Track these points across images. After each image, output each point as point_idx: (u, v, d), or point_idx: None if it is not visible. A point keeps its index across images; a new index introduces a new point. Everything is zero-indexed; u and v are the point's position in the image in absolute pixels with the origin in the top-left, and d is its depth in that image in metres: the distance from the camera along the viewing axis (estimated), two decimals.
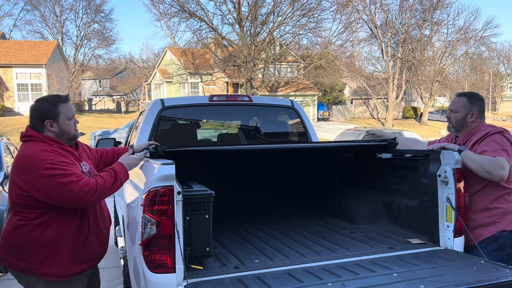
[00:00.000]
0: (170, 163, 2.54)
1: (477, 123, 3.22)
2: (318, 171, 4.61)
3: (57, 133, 2.51)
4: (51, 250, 2.39)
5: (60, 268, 2.41)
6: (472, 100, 3.23)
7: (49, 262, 2.38)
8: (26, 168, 2.32)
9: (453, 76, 52.56)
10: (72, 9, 46.50)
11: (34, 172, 2.28)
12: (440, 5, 40.74)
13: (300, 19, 33.27)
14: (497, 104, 61.53)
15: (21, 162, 2.37)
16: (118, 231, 4.34)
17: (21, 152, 2.43)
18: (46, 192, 2.29)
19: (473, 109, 3.21)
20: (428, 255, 2.93)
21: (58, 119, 2.51)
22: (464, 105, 3.23)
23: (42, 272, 2.39)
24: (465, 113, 3.22)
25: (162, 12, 34.05)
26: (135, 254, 2.69)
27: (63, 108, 2.54)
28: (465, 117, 3.22)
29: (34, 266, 2.40)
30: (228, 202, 4.52)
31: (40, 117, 2.50)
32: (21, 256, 2.40)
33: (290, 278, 2.58)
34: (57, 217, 2.40)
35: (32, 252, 2.39)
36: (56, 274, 2.41)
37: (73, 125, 2.60)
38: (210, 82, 38.36)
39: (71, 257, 2.45)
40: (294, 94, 39.03)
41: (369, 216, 3.82)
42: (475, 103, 3.22)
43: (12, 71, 34.32)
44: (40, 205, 2.35)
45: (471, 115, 3.21)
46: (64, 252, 2.42)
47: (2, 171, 6.21)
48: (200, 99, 4.78)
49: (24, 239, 2.38)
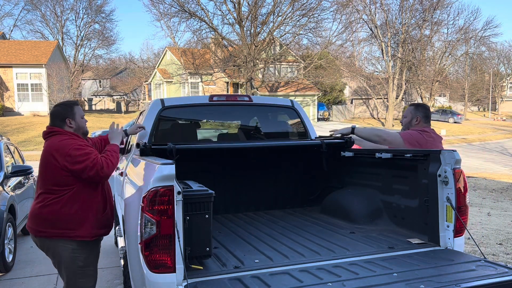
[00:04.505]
0: (170, 163, 2.54)
1: (421, 125, 3.91)
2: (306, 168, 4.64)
3: (75, 128, 3.21)
4: (80, 218, 3.05)
5: (88, 230, 3.09)
6: (417, 108, 3.99)
7: (79, 227, 3.05)
8: (61, 151, 2.98)
9: (453, 76, 52.61)
10: (73, 9, 46.65)
11: (68, 152, 2.97)
12: (440, 5, 40.78)
13: (300, 19, 33.31)
14: (497, 104, 61.54)
15: (56, 149, 3.00)
16: (118, 231, 4.33)
17: (50, 143, 3.06)
18: (79, 163, 2.94)
19: (417, 114, 3.94)
20: (428, 255, 2.93)
21: (75, 117, 3.21)
22: (411, 111, 3.98)
23: (75, 235, 3.05)
24: (411, 118, 3.96)
25: (162, 12, 34.14)
26: (135, 254, 2.69)
27: (77, 109, 3.26)
28: (411, 120, 3.96)
29: (68, 231, 3.03)
30: (228, 202, 4.53)
31: (61, 117, 3.17)
32: (56, 225, 3.02)
33: (290, 278, 2.58)
34: (81, 193, 3.05)
35: (66, 220, 3.03)
36: (86, 235, 3.09)
37: (85, 122, 3.31)
38: (210, 82, 38.38)
39: (95, 223, 3.13)
40: (294, 94, 39.03)
41: (369, 216, 3.82)
42: (419, 110, 3.96)
43: (12, 71, 34.32)
44: (72, 181, 3.00)
45: (416, 119, 3.93)
46: (90, 220, 3.09)
47: (2, 171, 6.21)
48: (200, 99, 4.78)
49: (58, 212, 3.01)
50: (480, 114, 61.19)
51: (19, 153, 8.01)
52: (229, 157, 4.50)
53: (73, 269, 3.09)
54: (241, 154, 4.49)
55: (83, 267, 3.11)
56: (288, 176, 4.73)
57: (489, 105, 59.87)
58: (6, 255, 5.51)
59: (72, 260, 3.07)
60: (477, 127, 44.40)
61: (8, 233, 5.61)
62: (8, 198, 5.74)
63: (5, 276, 5.44)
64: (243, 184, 4.58)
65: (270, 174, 4.67)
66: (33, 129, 28.91)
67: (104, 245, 3.83)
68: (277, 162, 4.69)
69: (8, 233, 5.64)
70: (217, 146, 4.43)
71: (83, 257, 3.10)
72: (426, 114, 3.95)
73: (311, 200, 4.73)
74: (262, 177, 4.65)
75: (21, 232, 7.31)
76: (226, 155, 4.49)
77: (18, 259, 6.07)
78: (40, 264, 5.86)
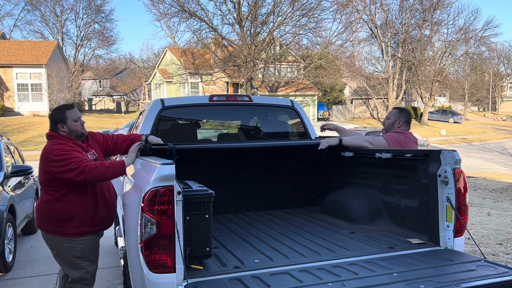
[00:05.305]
0: (170, 163, 2.54)
1: (402, 128, 4.16)
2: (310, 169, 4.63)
3: (68, 132, 3.30)
4: (68, 217, 3.22)
5: (76, 229, 3.25)
6: (401, 112, 4.24)
7: (67, 225, 3.23)
8: (46, 156, 3.16)
9: (453, 76, 52.59)
10: (73, 9, 46.60)
11: (52, 157, 3.12)
12: (440, 5, 40.78)
13: (300, 19, 33.30)
14: (497, 104, 61.53)
15: (45, 153, 3.20)
16: (118, 231, 4.33)
17: (44, 148, 3.27)
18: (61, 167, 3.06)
19: (400, 118, 4.19)
20: (428, 255, 2.93)
21: (66, 122, 3.30)
22: (395, 114, 4.22)
23: (63, 232, 3.24)
24: (394, 120, 4.20)
25: (162, 12, 34.14)
26: (135, 254, 2.69)
27: (69, 114, 3.32)
28: (394, 123, 4.19)
29: (58, 228, 3.24)
30: (228, 202, 4.53)
31: (54, 122, 3.32)
32: (50, 221, 3.26)
33: (290, 278, 2.58)
34: (70, 194, 3.19)
35: (57, 218, 3.23)
36: (73, 233, 3.25)
37: (80, 125, 3.35)
38: (210, 82, 38.38)
39: (83, 221, 3.26)
40: (294, 94, 39.03)
41: (369, 216, 3.82)
42: (403, 115, 4.21)
43: (12, 71, 34.31)
44: (58, 183, 3.15)
45: (399, 122, 4.18)
46: (78, 219, 3.24)
47: (2, 171, 6.21)
48: (200, 99, 4.78)
49: (50, 210, 3.23)
50: (480, 114, 61.19)
51: (19, 153, 8.02)
52: (229, 157, 4.49)
53: (69, 259, 3.29)
54: (241, 154, 4.49)
55: (80, 258, 3.29)
56: (288, 176, 4.73)
57: (489, 105, 59.86)
58: (6, 255, 5.51)
59: (67, 251, 3.28)
60: (477, 127, 44.42)
61: (8, 233, 5.61)
62: (8, 198, 5.74)
63: (5, 276, 5.44)
64: (243, 184, 4.58)
65: (270, 174, 4.67)
66: (33, 129, 28.91)
67: (104, 245, 3.83)
68: (277, 162, 4.69)
69: (8, 233, 5.64)
70: (217, 146, 4.43)
71: (79, 249, 3.29)
72: (408, 119, 4.23)
73: (311, 200, 4.73)
74: (262, 177, 4.65)
75: (21, 232, 7.31)
76: (226, 155, 4.49)
77: (18, 259, 6.07)
78: (40, 264, 5.86)
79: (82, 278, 3.31)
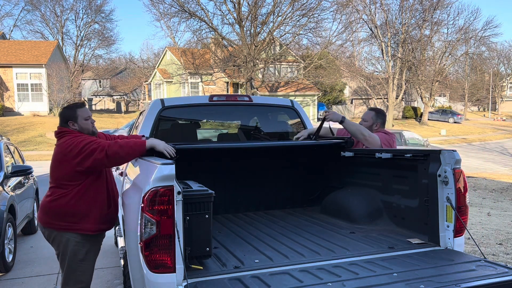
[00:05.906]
0: (170, 163, 2.54)
1: (380, 130, 4.29)
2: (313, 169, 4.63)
3: (78, 130, 3.33)
4: (85, 213, 3.24)
5: (93, 225, 3.28)
6: (377, 115, 4.35)
7: (84, 221, 3.25)
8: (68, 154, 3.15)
9: (453, 76, 52.56)
10: (73, 9, 46.55)
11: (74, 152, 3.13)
12: (440, 5, 40.76)
13: (300, 19, 33.27)
14: (497, 104, 61.54)
15: (63, 150, 3.18)
16: (118, 231, 4.33)
17: (63, 142, 3.23)
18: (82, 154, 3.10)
19: (377, 120, 4.32)
20: (428, 255, 2.93)
21: (77, 120, 3.33)
22: (372, 117, 4.32)
23: (79, 227, 3.24)
24: (372, 122, 4.31)
25: (162, 12, 34.09)
26: (135, 254, 2.69)
27: (80, 112, 3.36)
28: (372, 125, 4.31)
29: (73, 224, 3.23)
30: (228, 202, 4.53)
31: (64, 119, 3.34)
32: (63, 218, 3.23)
33: (290, 278, 2.57)
34: (88, 190, 3.23)
35: (72, 214, 3.22)
36: (90, 229, 3.27)
37: (91, 123, 3.40)
38: (210, 82, 38.37)
39: (99, 218, 3.31)
40: (294, 94, 39.02)
41: (369, 216, 3.82)
42: (379, 117, 4.34)
43: (12, 71, 34.32)
44: (79, 176, 3.17)
45: (376, 124, 4.31)
46: (95, 215, 3.28)
47: (2, 171, 6.21)
48: (200, 99, 4.78)
49: (65, 206, 3.21)
50: (480, 114, 61.19)
51: (19, 153, 8.02)
52: (229, 157, 4.50)
53: (73, 261, 3.29)
54: (241, 154, 4.49)
55: (82, 260, 3.30)
56: (288, 176, 4.73)
57: (489, 105, 59.86)
58: (6, 255, 5.51)
59: (74, 252, 3.27)
60: (477, 127, 44.42)
61: (8, 233, 5.61)
62: (8, 198, 5.75)
63: (5, 276, 5.44)
64: (243, 184, 4.58)
65: (270, 174, 4.67)
66: (33, 129, 28.91)
67: (104, 245, 3.83)
68: (277, 162, 4.69)
69: (8, 233, 5.64)
70: (217, 146, 4.43)
71: (84, 251, 3.30)
72: (384, 120, 4.40)
73: (311, 200, 4.73)
74: (262, 177, 4.65)
75: (21, 232, 7.31)
76: (226, 155, 4.49)
77: (18, 259, 6.07)
78: (40, 264, 5.86)
79: (79, 281, 3.32)
